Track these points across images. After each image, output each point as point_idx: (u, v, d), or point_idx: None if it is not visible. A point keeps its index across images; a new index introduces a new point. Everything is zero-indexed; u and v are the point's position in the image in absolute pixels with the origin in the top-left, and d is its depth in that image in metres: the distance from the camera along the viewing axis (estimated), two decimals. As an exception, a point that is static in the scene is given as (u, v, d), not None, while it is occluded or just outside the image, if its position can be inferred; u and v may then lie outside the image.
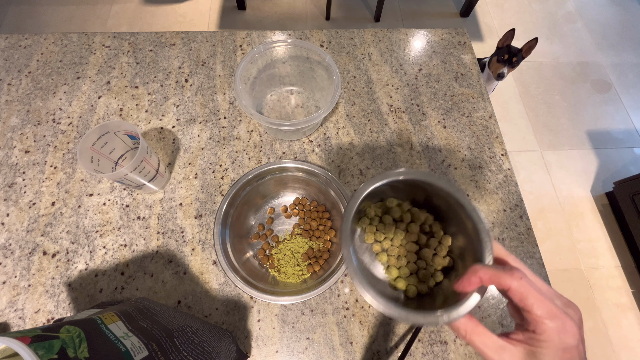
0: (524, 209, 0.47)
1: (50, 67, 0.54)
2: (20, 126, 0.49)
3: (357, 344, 0.39)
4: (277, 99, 0.54)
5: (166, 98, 0.53)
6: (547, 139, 1.45)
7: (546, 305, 0.20)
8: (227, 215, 0.41)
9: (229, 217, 0.42)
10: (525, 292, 0.21)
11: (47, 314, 0.39)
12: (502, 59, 1.14)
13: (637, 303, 1.16)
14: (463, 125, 0.53)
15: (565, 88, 1.57)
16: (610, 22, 1.79)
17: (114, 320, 0.25)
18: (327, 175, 0.43)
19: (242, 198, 0.43)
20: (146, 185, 0.42)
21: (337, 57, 0.58)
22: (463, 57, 0.59)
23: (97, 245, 0.42)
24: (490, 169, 0.50)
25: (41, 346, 0.18)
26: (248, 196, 0.44)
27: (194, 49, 0.57)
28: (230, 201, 0.42)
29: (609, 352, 1.09)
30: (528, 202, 1.30)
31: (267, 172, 0.44)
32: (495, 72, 1.17)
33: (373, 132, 0.52)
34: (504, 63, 1.14)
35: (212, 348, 0.29)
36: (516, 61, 1.13)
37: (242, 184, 0.42)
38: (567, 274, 1.20)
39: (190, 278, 0.41)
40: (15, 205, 0.44)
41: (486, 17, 1.77)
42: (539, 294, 0.21)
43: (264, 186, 0.45)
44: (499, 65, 1.15)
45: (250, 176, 0.43)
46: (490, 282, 0.22)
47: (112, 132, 0.40)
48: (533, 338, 0.21)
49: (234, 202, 0.42)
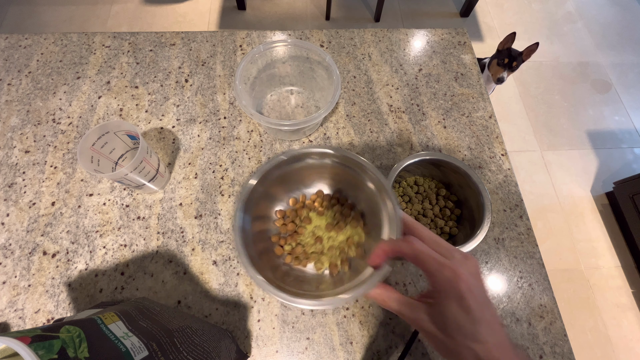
0: (524, 209, 0.47)
1: (50, 67, 0.54)
2: (20, 126, 0.49)
3: (357, 344, 0.39)
4: (277, 99, 0.54)
5: (166, 98, 0.53)
6: (547, 139, 1.45)
7: (436, 261, 0.23)
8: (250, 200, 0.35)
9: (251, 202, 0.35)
10: (417, 253, 0.24)
11: (47, 314, 0.39)
12: (502, 62, 1.14)
13: (637, 303, 1.16)
14: (463, 125, 0.53)
15: (565, 88, 1.57)
16: (610, 22, 1.79)
17: (114, 320, 0.25)
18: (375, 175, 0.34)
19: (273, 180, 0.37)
20: (146, 185, 0.42)
21: (337, 57, 0.58)
22: (463, 57, 0.59)
23: (97, 245, 0.42)
24: (490, 169, 0.50)
25: (41, 346, 0.18)
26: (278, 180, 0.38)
27: (194, 49, 0.57)
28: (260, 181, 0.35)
29: (609, 352, 1.09)
30: (528, 202, 1.29)
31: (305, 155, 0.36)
32: (495, 75, 1.17)
33: (373, 132, 0.52)
34: (504, 67, 1.14)
35: (212, 348, 0.29)
36: (516, 65, 1.13)
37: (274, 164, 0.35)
38: (567, 274, 1.20)
39: (190, 278, 0.41)
40: (15, 205, 0.44)
41: (486, 17, 1.77)
42: (429, 253, 0.23)
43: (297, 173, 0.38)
44: (498, 69, 1.15)
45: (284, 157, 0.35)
46: (391, 253, 0.26)
47: (112, 132, 0.40)
48: (433, 292, 0.24)
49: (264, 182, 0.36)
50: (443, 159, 0.41)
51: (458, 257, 0.23)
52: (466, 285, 0.22)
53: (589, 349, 1.10)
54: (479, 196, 0.39)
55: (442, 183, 0.45)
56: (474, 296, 0.22)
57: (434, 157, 0.41)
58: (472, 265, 0.23)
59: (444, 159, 0.41)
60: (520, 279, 0.43)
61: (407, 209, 0.43)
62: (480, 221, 0.38)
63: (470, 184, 0.40)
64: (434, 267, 0.23)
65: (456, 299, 0.22)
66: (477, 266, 0.24)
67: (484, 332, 0.21)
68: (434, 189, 0.45)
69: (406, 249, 0.24)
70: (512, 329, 0.40)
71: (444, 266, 0.22)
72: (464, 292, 0.22)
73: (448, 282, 0.22)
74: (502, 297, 0.42)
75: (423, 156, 0.41)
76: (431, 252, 0.23)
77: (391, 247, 0.26)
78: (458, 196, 0.44)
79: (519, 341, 0.40)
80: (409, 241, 0.24)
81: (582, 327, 1.13)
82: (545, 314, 0.41)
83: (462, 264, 0.23)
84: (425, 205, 0.43)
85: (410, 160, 0.41)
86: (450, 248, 0.24)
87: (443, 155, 0.41)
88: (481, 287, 0.23)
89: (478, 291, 0.22)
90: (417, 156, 0.41)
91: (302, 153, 0.35)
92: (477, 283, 0.23)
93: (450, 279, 0.22)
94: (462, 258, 0.23)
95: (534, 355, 0.39)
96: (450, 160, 0.41)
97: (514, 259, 0.44)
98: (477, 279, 0.23)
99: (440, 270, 0.22)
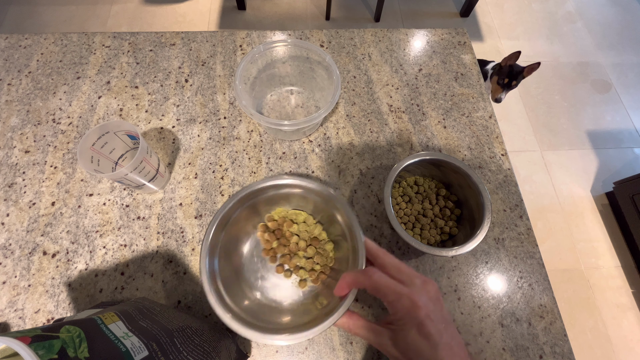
0: (524, 209, 0.47)
1: (50, 67, 0.54)
2: (20, 126, 0.49)
3: (357, 344, 0.39)
4: (277, 99, 0.54)
5: (166, 98, 0.53)
6: (547, 139, 1.45)
7: (394, 292, 0.24)
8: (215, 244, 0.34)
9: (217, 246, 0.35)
10: (376, 285, 0.25)
11: (47, 314, 0.39)
12: (502, 82, 1.14)
13: (637, 303, 1.16)
14: (463, 125, 0.53)
15: (565, 88, 1.57)
16: (610, 22, 1.79)
17: (114, 320, 0.25)
18: (329, 194, 0.35)
19: (232, 220, 0.36)
20: (146, 185, 0.42)
21: (337, 57, 0.58)
22: (463, 57, 0.59)
23: (97, 245, 0.42)
24: (490, 169, 0.50)
25: (41, 346, 0.18)
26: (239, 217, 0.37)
27: (194, 49, 0.57)
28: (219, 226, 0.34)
29: (609, 352, 1.09)
30: (528, 202, 1.30)
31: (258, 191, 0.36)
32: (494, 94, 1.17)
33: (373, 132, 0.52)
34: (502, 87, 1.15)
35: (212, 348, 0.29)
36: (515, 84, 1.14)
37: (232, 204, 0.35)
38: (567, 274, 1.20)
39: (190, 278, 0.41)
40: (15, 205, 0.44)
41: (486, 17, 1.77)
42: (387, 283, 0.24)
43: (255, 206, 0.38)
44: (498, 88, 1.16)
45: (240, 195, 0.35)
46: (353, 284, 0.27)
47: (112, 132, 0.40)
48: (394, 319, 0.25)
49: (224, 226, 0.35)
50: (443, 159, 0.41)
51: (418, 282, 0.25)
52: (425, 312, 0.23)
53: (589, 349, 1.10)
54: (479, 196, 0.39)
55: (442, 183, 0.45)
56: (432, 322, 0.23)
57: (434, 157, 0.41)
58: (432, 290, 0.25)
59: (444, 159, 0.41)
60: (520, 279, 0.43)
61: (407, 208, 0.43)
62: (480, 221, 0.38)
63: (470, 184, 0.40)
64: (393, 297, 0.24)
65: (415, 326, 0.23)
66: (436, 290, 0.25)
67: (443, 355, 0.22)
68: (434, 189, 0.45)
69: (365, 281, 0.25)
70: (512, 329, 0.40)
71: (402, 296, 0.24)
72: (423, 319, 0.23)
73: (406, 311, 0.23)
74: (502, 297, 0.42)
75: (423, 156, 0.41)
76: (389, 283, 0.24)
77: (352, 280, 0.27)
78: (458, 196, 0.44)
79: (519, 341, 0.40)
80: (368, 274, 0.25)
81: (582, 327, 1.13)
82: (545, 314, 0.41)
83: (421, 290, 0.24)
84: (425, 205, 0.43)
85: (410, 160, 0.41)
86: (411, 274, 0.26)
87: (443, 155, 0.41)
88: (440, 311, 0.24)
89: (436, 316, 0.23)
90: (417, 156, 0.41)
91: (262, 187, 0.36)
92: (436, 308, 0.24)
93: (408, 308, 0.23)
94: (421, 284, 0.25)
95: (534, 355, 0.39)
96: (450, 160, 0.41)
97: (514, 259, 0.44)
98: (437, 304, 0.24)
99: (399, 300, 0.24)
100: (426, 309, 0.23)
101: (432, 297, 0.24)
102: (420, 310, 0.23)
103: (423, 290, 0.24)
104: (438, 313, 0.24)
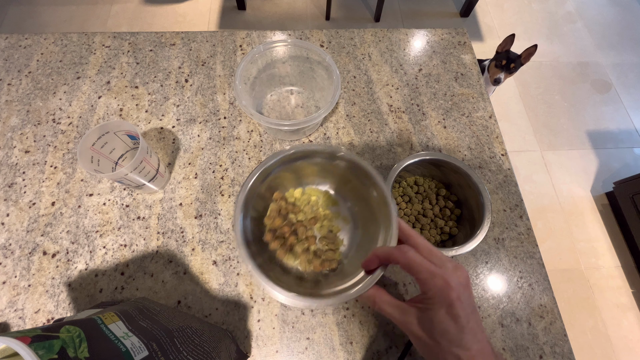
0: (524, 209, 0.47)
1: (50, 67, 0.54)
2: (20, 126, 0.49)
3: (357, 344, 0.39)
4: (277, 99, 0.54)
5: (166, 98, 0.53)
6: (547, 139, 1.45)
7: (428, 270, 0.24)
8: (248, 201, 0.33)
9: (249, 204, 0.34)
10: (410, 262, 0.25)
11: (47, 314, 0.39)
12: (499, 64, 1.15)
13: (637, 303, 1.16)
14: (463, 125, 0.53)
15: (565, 88, 1.57)
16: (610, 22, 1.79)
17: (114, 320, 0.25)
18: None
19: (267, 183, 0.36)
20: (146, 185, 0.42)
21: (337, 57, 0.58)
22: (463, 57, 0.59)
23: (97, 245, 0.42)
24: (490, 169, 0.50)
25: (41, 346, 0.18)
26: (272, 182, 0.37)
27: (194, 49, 0.57)
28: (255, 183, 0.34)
29: (609, 352, 1.09)
30: (528, 202, 1.30)
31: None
32: (492, 76, 1.18)
33: (373, 132, 0.52)
34: (501, 69, 1.15)
35: (212, 348, 0.29)
36: (514, 67, 1.14)
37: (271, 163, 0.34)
38: (567, 274, 1.20)
39: (190, 278, 0.41)
40: (15, 205, 0.44)
41: (486, 17, 1.77)
42: (422, 262, 0.24)
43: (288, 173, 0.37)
44: (496, 70, 1.17)
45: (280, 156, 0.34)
46: (385, 260, 0.27)
47: (112, 132, 0.40)
48: (424, 298, 0.25)
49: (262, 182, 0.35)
50: (443, 159, 0.41)
51: (450, 267, 0.25)
52: (456, 294, 0.23)
53: (589, 349, 1.10)
54: (479, 196, 0.39)
55: (442, 183, 0.45)
56: (462, 305, 0.23)
57: (434, 157, 0.41)
58: (463, 276, 0.25)
59: (444, 159, 0.41)
60: (520, 279, 0.43)
61: (407, 209, 0.43)
62: (480, 221, 0.38)
63: (470, 184, 0.40)
64: (426, 275, 0.24)
65: (445, 306, 0.23)
66: (467, 277, 0.25)
67: (468, 339, 0.22)
68: (434, 189, 0.45)
69: (400, 257, 0.25)
70: (512, 329, 0.40)
71: (436, 275, 0.24)
72: (454, 301, 0.23)
73: (439, 290, 0.23)
74: (502, 297, 0.42)
75: (423, 156, 0.41)
76: (423, 261, 0.24)
77: (385, 254, 0.27)
78: (458, 196, 0.44)
79: (519, 341, 0.40)
80: (403, 250, 0.25)
81: (582, 327, 1.13)
82: (545, 314, 0.41)
83: (453, 273, 0.24)
84: (425, 205, 0.43)
85: (410, 160, 0.41)
86: (442, 258, 0.25)
87: (443, 155, 0.41)
88: (469, 296, 0.24)
89: (466, 300, 0.23)
90: (417, 156, 0.41)
91: (310, 150, 0.35)
92: (466, 293, 0.24)
93: (441, 287, 0.23)
94: (453, 268, 0.25)
95: (534, 355, 0.39)
96: (450, 160, 0.41)
97: (514, 259, 0.44)
98: (467, 289, 0.24)
99: (432, 279, 0.24)
100: (457, 291, 0.23)
101: (463, 283, 0.24)
102: (452, 290, 0.23)
103: (454, 274, 0.24)
104: (468, 298, 0.24)
